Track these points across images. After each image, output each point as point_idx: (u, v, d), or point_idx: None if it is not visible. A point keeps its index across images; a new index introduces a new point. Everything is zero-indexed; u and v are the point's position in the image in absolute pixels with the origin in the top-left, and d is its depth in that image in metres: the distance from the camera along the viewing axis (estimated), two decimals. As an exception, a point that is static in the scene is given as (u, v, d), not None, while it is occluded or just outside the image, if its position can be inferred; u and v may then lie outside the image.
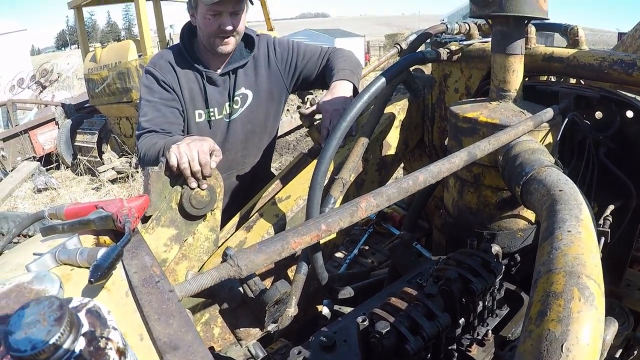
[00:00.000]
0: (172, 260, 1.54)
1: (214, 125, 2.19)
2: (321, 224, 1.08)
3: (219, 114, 2.19)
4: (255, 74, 2.24)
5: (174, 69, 2.10)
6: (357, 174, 1.95)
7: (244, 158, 2.33)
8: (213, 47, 2.07)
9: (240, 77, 2.20)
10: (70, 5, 8.57)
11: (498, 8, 1.50)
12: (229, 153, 2.24)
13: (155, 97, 2.04)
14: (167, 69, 2.09)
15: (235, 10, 2.00)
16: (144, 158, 1.88)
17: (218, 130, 2.21)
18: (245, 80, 2.22)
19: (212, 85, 2.16)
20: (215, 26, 1.99)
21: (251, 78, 2.23)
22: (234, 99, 2.20)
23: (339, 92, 2.04)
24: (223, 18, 1.99)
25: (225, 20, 1.99)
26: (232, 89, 2.18)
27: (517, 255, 1.66)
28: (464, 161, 1.29)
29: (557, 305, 0.82)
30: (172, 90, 2.07)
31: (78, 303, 0.62)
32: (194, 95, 2.13)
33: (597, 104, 1.76)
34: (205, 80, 2.13)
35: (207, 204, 1.53)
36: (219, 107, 2.18)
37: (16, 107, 11.74)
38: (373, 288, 1.80)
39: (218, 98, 2.17)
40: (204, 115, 2.17)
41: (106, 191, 7.59)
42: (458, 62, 2.14)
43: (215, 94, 2.16)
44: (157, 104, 2.03)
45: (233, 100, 2.20)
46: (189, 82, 2.12)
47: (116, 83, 7.40)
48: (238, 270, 0.99)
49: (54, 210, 1.30)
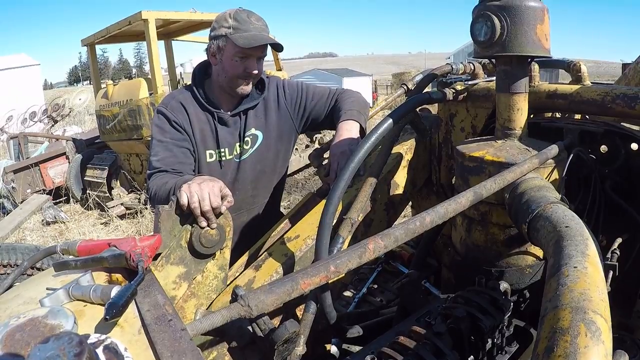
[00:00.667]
0: (180, 297, 1.54)
1: (224, 166, 2.21)
2: (330, 265, 1.10)
3: (229, 154, 2.21)
4: (266, 115, 2.27)
5: (185, 109, 2.13)
6: (365, 213, 1.96)
7: (253, 198, 2.34)
8: (234, 89, 2.10)
9: (250, 118, 2.23)
10: (83, 42, 8.78)
11: (501, 48, 1.53)
12: (239, 193, 2.25)
13: (166, 137, 2.07)
14: (178, 110, 2.12)
15: (262, 55, 2.08)
16: (154, 197, 1.90)
17: (228, 171, 2.23)
18: (256, 121, 2.25)
19: (223, 126, 2.18)
20: (242, 69, 2.04)
21: (261, 119, 2.26)
22: (245, 140, 2.23)
23: (345, 133, 2.07)
24: (250, 61, 2.04)
25: (252, 64, 2.05)
26: (243, 129, 2.21)
27: (526, 291, 1.65)
28: (470, 201, 1.31)
29: (563, 341, 0.82)
30: (183, 131, 2.10)
31: (96, 339, 0.64)
32: (205, 135, 2.16)
33: (602, 138, 1.78)
34: (216, 121, 2.16)
35: (216, 243, 1.54)
36: (229, 148, 2.20)
37: (27, 140, 11.90)
38: (382, 327, 1.79)
39: (229, 138, 2.20)
40: (215, 155, 2.19)
41: (115, 226, 7.61)
42: (464, 102, 2.18)
43: (226, 134, 2.19)
44: (169, 144, 2.06)
45: (243, 141, 2.23)
46: (200, 122, 2.15)
47: (127, 120, 7.50)
48: (248, 310, 1.01)
49: (67, 245, 1.32)
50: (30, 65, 27.88)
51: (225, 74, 2.09)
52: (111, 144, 8.57)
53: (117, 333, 0.95)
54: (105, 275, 1.18)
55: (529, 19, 1.48)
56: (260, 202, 2.38)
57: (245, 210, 2.33)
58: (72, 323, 0.89)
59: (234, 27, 2.00)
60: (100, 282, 1.14)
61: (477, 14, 1.56)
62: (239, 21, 2.01)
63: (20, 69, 26.72)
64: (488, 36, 1.53)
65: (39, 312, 0.90)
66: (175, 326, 0.92)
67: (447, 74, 2.26)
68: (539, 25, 1.50)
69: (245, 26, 2.00)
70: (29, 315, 0.88)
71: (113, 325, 0.96)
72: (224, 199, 1.55)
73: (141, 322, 0.97)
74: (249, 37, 1.98)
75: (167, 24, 8.24)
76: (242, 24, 2.00)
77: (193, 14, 7.87)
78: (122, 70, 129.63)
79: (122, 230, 7.48)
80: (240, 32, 1.99)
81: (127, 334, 0.95)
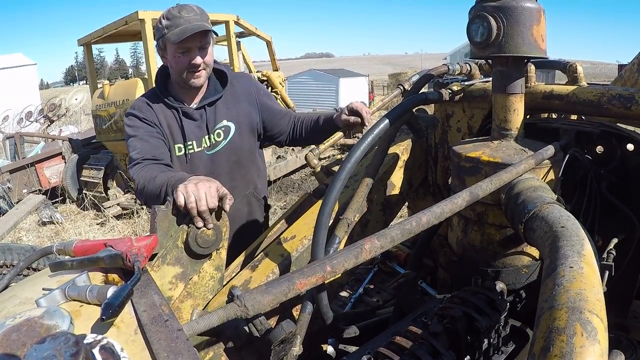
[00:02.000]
0: (177, 298, 1.54)
1: (193, 158, 2.26)
2: (326, 265, 1.10)
3: (197, 146, 2.26)
4: (237, 107, 2.33)
5: (151, 107, 2.21)
6: (361, 214, 1.97)
7: (232, 189, 2.34)
8: (186, 82, 2.17)
9: (220, 110, 2.29)
10: (79, 42, 8.76)
11: (497, 49, 1.54)
12: None
13: (139, 132, 2.15)
14: (145, 108, 2.21)
15: (202, 44, 2.12)
16: (142, 190, 1.92)
17: (200, 163, 2.27)
18: (227, 112, 2.31)
19: (189, 120, 2.24)
20: (186, 62, 2.11)
21: (232, 110, 2.32)
22: (216, 132, 2.28)
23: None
24: (192, 54, 2.10)
25: (194, 55, 2.11)
26: (212, 122, 2.27)
27: (522, 291, 1.66)
28: (467, 201, 1.31)
29: (560, 341, 0.83)
30: (153, 125, 2.18)
31: (92, 340, 0.64)
32: (172, 130, 2.22)
33: (598, 139, 1.79)
34: (181, 115, 2.23)
35: (212, 243, 1.54)
36: (197, 141, 2.25)
37: (24, 140, 11.87)
38: (378, 327, 1.79)
39: (196, 132, 2.25)
40: (183, 149, 2.24)
41: (111, 226, 7.60)
42: (460, 102, 2.19)
43: (193, 127, 2.25)
44: (143, 136, 2.13)
45: (215, 134, 2.28)
46: (166, 118, 2.22)
47: (123, 120, 7.49)
48: (245, 310, 1.01)
49: (63, 246, 1.32)
50: (26, 65, 27.81)
51: (174, 70, 2.18)
52: (107, 144, 8.54)
53: (113, 333, 0.95)
54: (102, 276, 1.17)
55: (525, 20, 1.49)
56: (241, 192, 2.39)
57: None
58: (68, 323, 0.89)
59: (166, 26, 2.08)
60: (97, 282, 1.14)
61: (473, 15, 1.56)
62: (170, 18, 2.08)
63: (17, 69, 26.66)
64: (484, 37, 1.53)
65: (35, 313, 0.90)
66: (171, 326, 0.92)
67: (444, 75, 2.27)
68: (535, 26, 1.51)
69: (176, 21, 2.06)
70: (25, 316, 0.88)
71: (109, 325, 0.96)
72: (223, 199, 1.55)
73: (137, 322, 0.97)
74: (178, 32, 2.04)
75: (164, 24, 8.22)
76: (172, 20, 2.07)
77: (189, 13, 7.84)
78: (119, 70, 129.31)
79: (118, 230, 7.47)
80: (172, 29, 2.06)
81: (124, 334, 0.95)
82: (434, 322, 1.37)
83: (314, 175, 2.18)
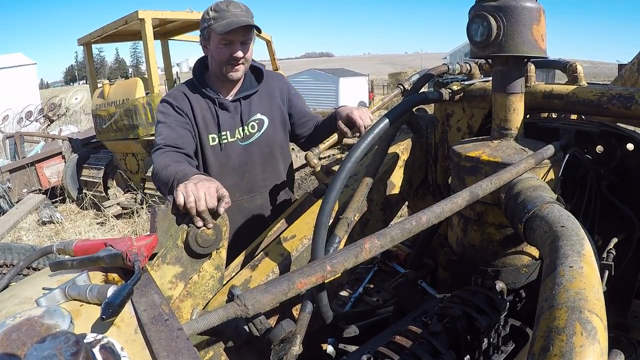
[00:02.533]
0: (177, 297, 1.54)
1: (226, 148, 2.33)
2: (326, 265, 1.10)
3: (231, 137, 2.33)
4: (270, 103, 2.43)
5: (187, 97, 2.29)
6: (361, 213, 1.97)
7: (264, 181, 2.45)
8: (224, 74, 2.25)
9: (254, 103, 2.38)
10: (79, 41, 8.76)
11: (497, 49, 1.54)
12: (248, 175, 2.38)
13: (169, 119, 2.22)
14: (180, 98, 2.29)
15: (245, 39, 2.21)
16: (155, 176, 2.01)
17: (233, 153, 2.34)
18: (261, 107, 2.40)
19: (224, 111, 2.32)
20: (227, 54, 2.19)
21: (266, 106, 2.41)
22: (250, 124, 2.36)
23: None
24: (234, 46, 2.19)
25: (235, 49, 2.19)
26: (247, 114, 2.35)
27: (522, 291, 1.66)
28: (467, 201, 1.31)
29: (559, 340, 0.83)
30: (185, 115, 2.25)
31: (92, 339, 0.64)
32: (206, 120, 2.29)
33: (598, 139, 1.79)
34: (217, 106, 2.30)
35: (212, 243, 1.54)
36: (230, 131, 2.33)
37: (24, 140, 11.88)
38: (378, 326, 1.79)
39: (230, 123, 2.33)
40: (217, 138, 2.31)
41: (111, 226, 7.59)
42: (460, 102, 2.19)
43: (227, 118, 2.32)
44: (172, 124, 2.20)
45: (249, 125, 2.36)
46: (201, 109, 2.29)
47: (123, 120, 7.49)
48: (245, 309, 1.01)
49: (63, 245, 1.32)
50: (26, 65, 27.83)
51: (214, 61, 2.25)
52: (107, 144, 8.54)
53: (113, 332, 0.95)
54: (102, 275, 1.17)
55: (525, 20, 1.49)
56: (272, 185, 2.48)
57: (259, 194, 2.44)
58: (68, 323, 0.89)
59: (213, 18, 2.16)
60: (97, 281, 1.14)
61: (473, 15, 1.56)
62: (218, 11, 2.17)
63: (17, 68, 26.68)
64: (484, 36, 1.53)
65: (35, 312, 0.90)
66: (171, 326, 0.92)
67: (444, 74, 2.27)
68: (535, 25, 1.51)
69: (223, 14, 2.15)
70: (25, 315, 0.88)
71: (109, 324, 0.96)
72: (220, 200, 1.56)
73: (137, 321, 0.97)
74: (225, 24, 2.12)
75: (164, 24, 8.22)
76: (220, 13, 2.16)
77: (190, 13, 7.85)
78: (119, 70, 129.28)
79: (118, 230, 7.46)
80: (219, 21, 2.14)
81: (124, 334, 0.95)
82: (434, 321, 1.37)
83: (313, 174, 2.19)
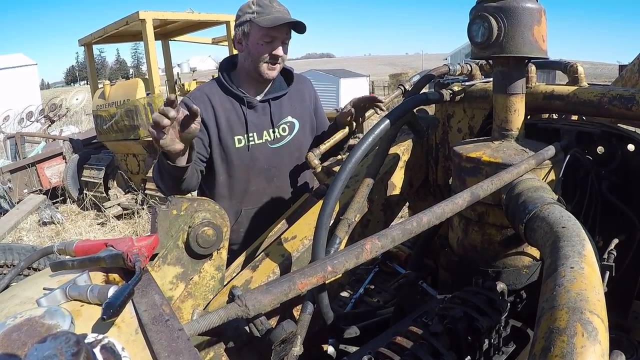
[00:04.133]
0: (177, 298, 1.54)
1: (253, 150, 2.24)
2: (327, 265, 1.10)
3: (258, 138, 2.25)
4: (301, 106, 2.37)
5: (210, 99, 2.19)
6: (362, 214, 1.97)
7: (292, 184, 2.38)
8: (260, 72, 2.17)
9: (286, 105, 2.31)
10: (80, 42, 8.78)
11: (498, 49, 1.54)
12: (277, 180, 2.31)
13: None
14: (200, 99, 2.17)
15: (286, 37, 2.16)
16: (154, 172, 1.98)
17: (260, 155, 2.26)
18: (292, 109, 2.33)
19: (252, 111, 2.23)
20: (268, 51, 2.12)
21: (297, 109, 2.35)
22: (281, 127, 2.29)
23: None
24: (275, 43, 2.12)
25: (277, 46, 2.13)
26: (278, 116, 2.28)
27: (523, 292, 1.66)
28: (467, 202, 1.31)
29: (560, 341, 0.83)
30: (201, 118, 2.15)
31: (93, 339, 0.64)
32: (232, 122, 2.20)
33: (598, 139, 1.79)
34: (245, 106, 2.21)
35: (213, 243, 1.54)
36: (258, 133, 2.24)
37: (24, 140, 11.91)
38: (379, 327, 1.79)
39: (257, 124, 2.24)
40: (244, 140, 2.22)
41: (111, 227, 7.60)
42: (461, 103, 2.19)
43: (255, 119, 2.23)
44: None
45: (280, 128, 2.29)
46: (226, 111, 2.20)
47: (124, 120, 7.50)
48: (245, 310, 1.01)
49: (63, 246, 1.32)
50: (27, 65, 27.88)
51: (251, 57, 2.15)
52: (108, 144, 8.56)
53: (114, 333, 0.95)
54: (102, 276, 1.17)
55: (526, 20, 1.49)
56: (299, 189, 2.40)
57: (285, 202, 2.35)
58: (69, 323, 0.89)
59: (257, 12, 2.08)
60: (97, 282, 1.14)
61: (474, 15, 1.56)
62: (262, 6, 2.09)
63: (17, 69, 26.73)
64: (485, 37, 1.53)
65: (36, 312, 0.90)
66: (172, 326, 0.92)
67: (445, 75, 2.26)
68: (536, 26, 1.51)
69: (268, 10, 2.08)
70: (26, 315, 0.88)
71: (110, 325, 0.96)
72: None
73: (138, 322, 0.97)
74: (272, 19, 2.05)
75: (165, 24, 8.25)
76: (264, 8, 2.08)
77: (190, 14, 7.88)
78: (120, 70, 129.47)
79: (118, 230, 7.47)
80: (264, 15, 2.06)
81: (125, 334, 0.95)
82: (435, 322, 1.37)
83: (314, 175, 2.18)
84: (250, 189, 2.28)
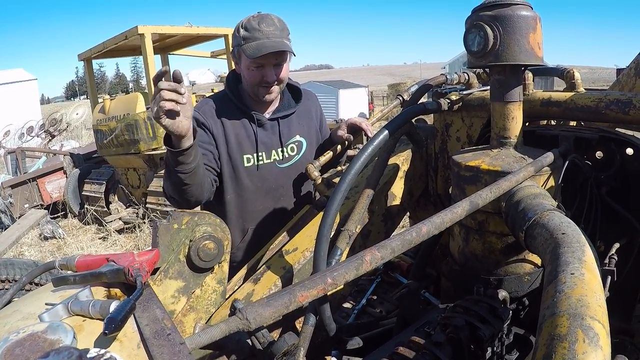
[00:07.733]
0: (179, 311, 1.54)
1: (262, 169, 2.21)
2: (327, 277, 1.11)
3: (267, 158, 2.22)
4: (308, 125, 2.34)
5: (218, 115, 2.15)
6: (363, 225, 1.97)
7: (298, 204, 2.33)
8: (257, 96, 2.14)
9: (294, 124, 2.28)
10: (80, 57, 8.84)
11: (494, 58, 1.54)
12: (283, 199, 2.28)
13: None
14: (210, 114, 2.14)
15: (278, 62, 2.07)
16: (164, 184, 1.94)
17: (269, 175, 2.23)
18: (300, 128, 2.30)
19: (261, 128, 2.20)
20: (259, 77, 2.06)
21: (305, 128, 2.32)
22: (289, 146, 2.27)
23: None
24: (266, 69, 2.05)
25: (268, 72, 2.06)
26: (286, 135, 2.25)
27: (525, 299, 1.65)
28: (467, 211, 1.31)
29: (561, 347, 0.83)
30: (210, 135, 2.11)
31: (95, 354, 0.64)
32: (241, 140, 2.16)
33: (597, 144, 1.79)
34: (255, 124, 2.18)
35: (214, 257, 1.54)
36: (267, 152, 2.21)
37: (25, 155, 11.95)
38: (382, 338, 1.79)
39: (267, 142, 2.21)
40: (253, 159, 2.19)
41: (113, 241, 7.60)
42: (459, 112, 2.19)
43: (264, 138, 2.20)
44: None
45: (288, 148, 2.26)
46: (235, 127, 2.16)
47: (124, 134, 7.52)
48: (247, 323, 1.01)
49: (65, 261, 1.32)
50: (27, 80, 28.03)
51: (246, 82, 2.12)
52: (108, 159, 8.58)
53: (116, 347, 0.95)
54: (104, 290, 1.18)
55: (521, 28, 1.50)
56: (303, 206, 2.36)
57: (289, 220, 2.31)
58: (71, 338, 0.89)
59: (244, 37, 2.01)
60: (99, 297, 1.14)
61: (470, 25, 1.57)
62: (249, 30, 2.01)
63: (18, 84, 26.86)
64: (481, 46, 1.54)
65: (39, 327, 0.90)
66: (174, 340, 0.92)
67: (442, 85, 2.27)
68: (532, 34, 1.52)
69: (254, 34, 2.00)
70: (29, 331, 0.88)
71: (112, 339, 0.96)
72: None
73: (140, 336, 0.97)
74: (255, 47, 1.98)
75: (164, 38, 8.30)
76: (251, 33, 2.00)
77: (189, 28, 7.92)
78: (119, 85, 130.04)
79: (120, 244, 7.47)
80: (249, 42, 1.99)
81: (127, 349, 0.95)
82: (437, 331, 1.37)
83: (314, 187, 2.18)
84: (257, 208, 2.26)
